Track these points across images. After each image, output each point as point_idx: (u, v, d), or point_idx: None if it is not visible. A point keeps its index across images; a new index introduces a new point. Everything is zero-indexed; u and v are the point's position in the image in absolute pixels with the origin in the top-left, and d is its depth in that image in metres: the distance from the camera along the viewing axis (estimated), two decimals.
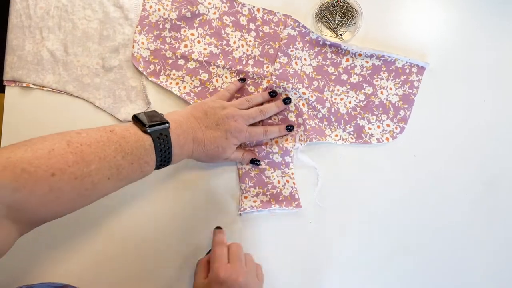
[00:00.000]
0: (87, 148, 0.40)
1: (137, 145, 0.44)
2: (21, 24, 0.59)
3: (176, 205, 0.61)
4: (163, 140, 0.46)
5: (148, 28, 0.61)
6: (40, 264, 0.58)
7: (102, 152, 0.41)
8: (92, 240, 0.59)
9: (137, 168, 0.45)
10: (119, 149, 0.43)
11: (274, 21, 0.63)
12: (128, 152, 0.43)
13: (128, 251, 0.60)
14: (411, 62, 0.63)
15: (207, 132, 0.53)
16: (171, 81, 0.61)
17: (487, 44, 0.65)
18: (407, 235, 0.64)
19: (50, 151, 0.38)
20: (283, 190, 0.61)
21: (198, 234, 0.60)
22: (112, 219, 0.60)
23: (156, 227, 0.60)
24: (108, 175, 0.42)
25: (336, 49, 0.63)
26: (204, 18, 0.62)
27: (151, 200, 0.61)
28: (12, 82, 0.60)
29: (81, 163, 0.39)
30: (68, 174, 0.38)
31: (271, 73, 0.62)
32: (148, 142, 0.45)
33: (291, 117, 0.62)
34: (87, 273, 0.59)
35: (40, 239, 0.58)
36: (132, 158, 0.44)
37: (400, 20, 0.65)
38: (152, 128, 0.46)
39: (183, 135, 0.50)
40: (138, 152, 0.44)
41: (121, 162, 0.43)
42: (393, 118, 0.64)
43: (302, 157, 0.62)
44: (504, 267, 0.65)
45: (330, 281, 0.62)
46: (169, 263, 0.60)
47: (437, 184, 0.64)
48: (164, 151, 0.47)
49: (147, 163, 0.46)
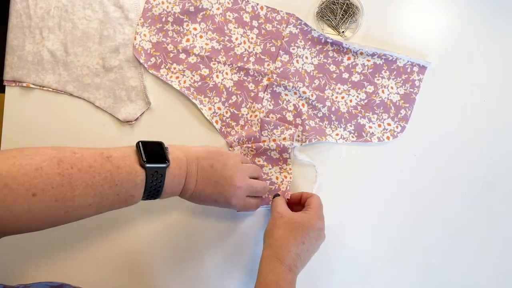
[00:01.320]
0: (76, 173, 0.39)
1: (128, 178, 0.43)
2: (21, 24, 0.59)
3: (174, 206, 0.61)
4: (157, 178, 0.45)
5: (151, 20, 0.61)
6: (37, 264, 0.58)
7: (91, 179, 0.40)
8: (89, 239, 0.59)
9: (122, 199, 0.44)
10: (109, 178, 0.41)
11: (277, 19, 0.63)
12: (117, 183, 0.42)
13: (126, 251, 0.60)
14: (412, 61, 0.63)
15: (200, 186, 0.50)
16: (172, 74, 0.61)
17: (489, 43, 0.65)
18: (407, 234, 0.63)
19: (37, 169, 0.37)
20: (281, 186, 0.61)
21: (197, 236, 0.60)
22: (111, 220, 0.60)
23: (155, 227, 0.60)
24: (91, 202, 0.41)
25: (338, 48, 0.63)
26: (208, 13, 0.62)
27: (150, 203, 0.60)
28: (12, 82, 0.60)
29: (66, 186, 0.38)
30: (50, 196, 0.37)
31: (272, 71, 0.62)
32: (140, 177, 0.44)
33: (289, 116, 0.62)
34: (84, 272, 0.59)
35: (37, 239, 0.58)
36: (120, 189, 0.42)
37: (402, 17, 0.65)
38: (150, 164, 0.44)
39: (178, 178, 0.48)
40: (127, 185, 0.43)
41: (107, 192, 0.41)
42: (394, 117, 0.63)
43: (300, 155, 0.62)
44: (504, 267, 0.65)
45: (330, 281, 0.62)
46: (168, 263, 0.60)
47: (437, 184, 0.64)
48: (154, 188, 0.45)
49: (133, 197, 0.44)
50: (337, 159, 0.63)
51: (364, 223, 0.63)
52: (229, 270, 0.61)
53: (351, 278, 0.62)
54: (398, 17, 0.65)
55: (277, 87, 0.62)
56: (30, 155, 0.38)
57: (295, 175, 0.62)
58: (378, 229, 0.63)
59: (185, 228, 0.61)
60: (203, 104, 0.61)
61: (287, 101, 0.62)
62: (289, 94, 0.62)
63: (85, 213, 0.42)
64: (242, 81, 0.62)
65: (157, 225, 0.60)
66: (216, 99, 0.62)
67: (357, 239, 0.63)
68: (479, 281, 0.64)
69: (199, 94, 0.62)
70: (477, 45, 0.65)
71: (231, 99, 0.62)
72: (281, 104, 0.62)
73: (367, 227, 0.63)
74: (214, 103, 0.62)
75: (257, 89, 0.62)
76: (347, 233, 0.63)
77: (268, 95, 0.62)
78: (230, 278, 0.61)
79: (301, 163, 0.62)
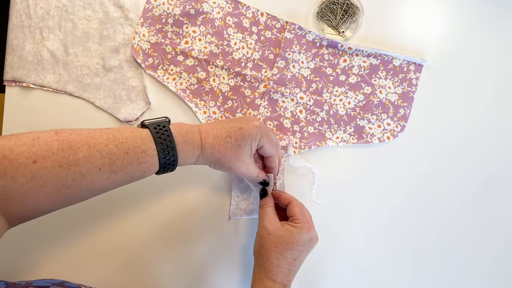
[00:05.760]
0: (76, 137, 0.38)
1: (132, 135, 0.42)
2: (21, 24, 0.59)
3: (172, 207, 0.61)
4: (161, 129, 0.44)
5: (150, 21, 0.61)
6: (39, 260, 0.58)
7: (93, 140, 0.39)
8: (89, 238, 0.59)
9: (134, 159, 0.41)
10: (111, 138, 0.40)
11: (276, 27, 0.63)
12: (122, 141, 0.40)
13: (125, 250, 0.60)
14: (408, 60, 0.63)
15: (218, 125, 0.49)
16: (168, 76, 0.61)
17: (488, 41, 0.66)
18: (408, 234, 0.64)
19: (34, 139, 0.37)
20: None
21: (191, 236, 0.61)
22: (111, 218, 0.60)
23: (152, 227, 0.61)
24: (99, 165, 0.39)
25: (333, 50, 0.63)
26: (208, 16, 0.62)
27: (149, 202, 0.61)
28: (12, 82, 0.60)
29: (67, 150, 0.37)
30: (52, 161, 0.36)
31: (269, 77, 0.62)
32: (144, 132, 0.43)
33: (286, 123, 0.62)
34: (86, 269, 0.59)
35: (39, 235, 0.58)
36: (127, 146, 0.40)
37: (402, 17, 0.65)
38: (149, 121, 0.44)
39: (185, 126, 0.47)
40: (134, 140, 0.41)
41: (114, 151, 0.39)
42: (393, 116, 0.64)
43: (295, 164, 0.61)
44: (504, 267, 0.65)
45: (329, 281, 0.62)
46: (166, 262, 0.60)
47: (437, 183, 0.65)
48: (164, 139, 0.43)
49: (145, 152, 0.42)
50: (337, 159, 0.63)
51: (364, 223, 0.64)
52: (220, 259, 0.61)
53: (351, 278, 0.63)
54: (398, 17, 0.65)
55: (274, 94, 0.62)
56: (27, 132, 0.38)
57: (294, 176, 0.62)
58: (378, 229, 0.64)
59: (185, 228, 0.61)
60: (198, 107, 0.61)
61: (284, 108, 0.62)
62: (286, 101, 0.62)
63: (97, 180, 0.39)
64: (239, 87, 0.62)
65: (158, 224, 0.61)
66: (212, 103, 0.62)
67: (357, 239, 0.63)
68: (479, 280, 0.65)
69: (194, 97, 0.62)
70: (476, 44, 0.65)
71: (227, 104, 0.62)
72: (279, 111, 0.62)
73: (367, 227, 0.64)
74: (210, 107, 0.62)
75: (253, 95, 0.62)
76: (347, 233, 0.63)
77: (265, 102, 0.62)
78: (222, 267, 0.61)
79: (293, 170, 0.62)
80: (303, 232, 0.50)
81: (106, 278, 0.59)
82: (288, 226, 0.51)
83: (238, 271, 0.61)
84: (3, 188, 0.35)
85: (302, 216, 0.52)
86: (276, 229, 0.50)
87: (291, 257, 0.49)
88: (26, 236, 0.58)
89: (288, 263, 0.49)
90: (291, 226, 0.51)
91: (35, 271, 0.58)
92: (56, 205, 0.39)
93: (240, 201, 0.61)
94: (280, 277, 0.48)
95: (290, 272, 0.49)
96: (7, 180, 0.35)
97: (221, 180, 0.62)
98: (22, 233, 0.40)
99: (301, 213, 0.52)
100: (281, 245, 0.49)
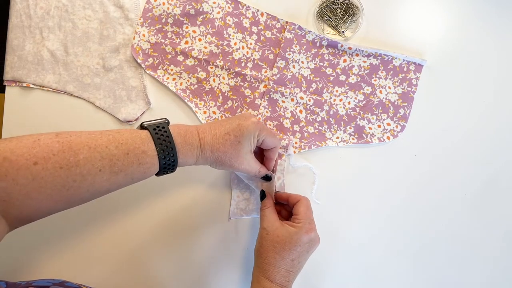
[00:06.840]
0: (76, 139, 0.39)
1: (132, 136, 0.42)
2: (21, 24, 0.59)
3: (171, 208, 0.61)
4: (160, 130, 0.45)
5: (150, 21, 0.61)
6: (39, 260, 0.58)
7: (93, 142, 0.40)
8: (90, 238, 0.59)
9: (134, 160, 0.42)
10: (111, 140, 0.41)
11: (276, 27, 0.63)
12: (122, 142, 0.41)
13: (125, 250, 0.60)
14: (408, 60, 0.63)
15: (216, 125, 0.49)
16: (168, 76, 0.61)
17: (488, 41, 0.66)
18: (408, 234, 0.64)
19: (35, 141, 0.37)
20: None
21: (191, 236, 0.61)
22: (111, 218, 0.60)
23: (152, 228, 0.61)
24: (99, 166, 0.39)
25: (333, 50, 0.63)
26: (208, 16, 0.62)
27: (149, 202, 0.61)
28: (12, 82, 0.60)
29: (67, 152, 0.38)
30: (52, 163, 0.37)
31: (269, 77, 0.62)
32: (144, 133, 0.44)
33: (286, 123, 0.62)
34: (86, 269, 0.59)
35: (39, 235, 0.58)
36: (127, 147, 0.41)
37: (402, 17, 0.65)
38: (148, 122, 0.45)
39: (184, 127, 0.48)
40: (133, 141, 0.42)
41: (114, 152, 0.40)
42: (393, 116, 0.64)
43: (296, 163, 0.62)
44: (504, 267, 0.65)
45: (329, 281, 0.62)
46: (165, 262, 0.60)
47: (437, 183, 0.65)
48: (163, 139, 0.44)
49: (145, 153, 0.43)
50: (337, 159, 0.63)
51: (365, 223, 0.64)
52: (222, 258, 0.61)
53: (351, 278, 0.63)
54: (398, 17, 0.65)
55: (274, 94, 0.62)
56: (28, 135, 0.38)
57: (294, 176, 0.62)
58: (378, 229, 0.64)
59: (185, 228, 0.61)
60: (198, 107, 0.61)
61: (284, 108, 0.62)
62: (286, 101, 0.62)
63: (97, 181, 0.40)
64: (239, 87, 0.62)
65: (158, 224, 0.61)
66: (212, 103, 0.62)
67: (357, 239, 0.63)
68: (479, 280, 0.65)
69: (194, 97, 0.62)
70: (476, 44, 0.65)
71: (227, 104, 0.62)
72: (279, 111, 0.62)
73: (367, 227, 0.64)
74: (210, 107, 0.62)
75: (253, 95, 0.62)
76: (347, 233, 0.63)
77: (265, 102, 0.62)
78: (223, 266, 0.61)
79: (294, 170, 0.62)
80: (302, 233, 0.50)
81: (106, 278, 0.59)
82: (287, 226, 0.51)
83: (238, 271, 0.61)
84: (4, 190, 0.35)
85: (305, 216, 0.52)
86: (274, 229, 0.51)
87: (289, 257, 0.49)
88: (27, 236, 0.58)
89: (286, 263, 0.49)
90: (291, 227, 0.51)
91: (36, 271, 0.58)
92: (57, 206, 0.39)
93: (240, 201, 0.61)
94: (278, 277, 0.48)
95: (289, 273, 0.49)
96: (8, 182, 0.35)
97: (221, 180, 0.62)
98: (23, 233, 0.40)
99: (305, 213, 0.52)
100: (278, 245, 0.49)
